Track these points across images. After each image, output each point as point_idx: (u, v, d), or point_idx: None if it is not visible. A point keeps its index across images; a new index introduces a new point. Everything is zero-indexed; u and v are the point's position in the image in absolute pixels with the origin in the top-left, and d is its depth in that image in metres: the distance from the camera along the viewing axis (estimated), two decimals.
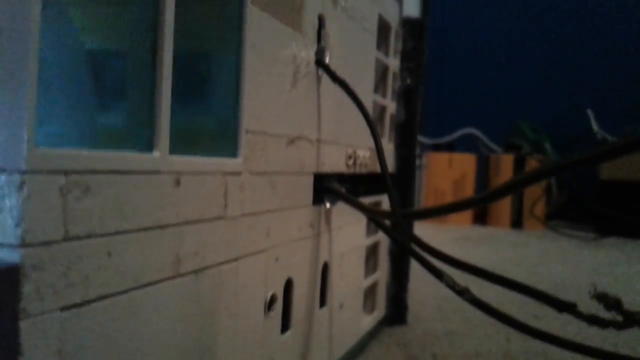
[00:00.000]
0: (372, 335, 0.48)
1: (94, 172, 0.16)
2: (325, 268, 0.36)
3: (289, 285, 0.30)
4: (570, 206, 1.64)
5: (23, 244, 0.14)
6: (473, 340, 0.50)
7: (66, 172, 0.15)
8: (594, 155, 0.21)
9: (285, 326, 0.30)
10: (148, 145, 0.19)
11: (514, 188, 0.25)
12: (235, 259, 0.24)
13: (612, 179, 1.43)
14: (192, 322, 0.21)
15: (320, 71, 0.32)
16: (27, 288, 0.14)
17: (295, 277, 0.31)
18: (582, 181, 1.51)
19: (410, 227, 0.50)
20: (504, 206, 1.51)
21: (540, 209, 1.52)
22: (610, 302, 0.19)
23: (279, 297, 0.29)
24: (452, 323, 0.56)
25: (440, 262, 0.27)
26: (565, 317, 0.24)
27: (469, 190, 1.54)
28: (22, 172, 0.14)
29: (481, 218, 1.59)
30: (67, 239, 0.15)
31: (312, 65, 0.31)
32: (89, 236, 0.16)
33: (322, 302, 0.36)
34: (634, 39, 1.73)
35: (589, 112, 1.55)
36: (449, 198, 1.52)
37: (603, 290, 0.20)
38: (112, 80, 0.21)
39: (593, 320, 0.21)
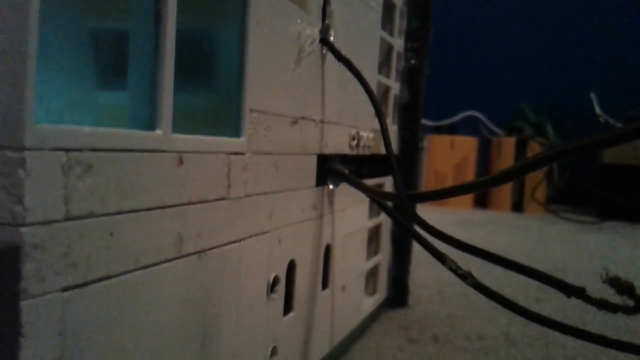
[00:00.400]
0: (373, 317, 0.48)
1: (95, 149, 0.16)
2: (328, 250, 0.35)
3: (291, 267, 0.30)
4: (571, 190, 1.63)
5: (24, 223, 0.14)
6: (474, 323, 0.50)
7: (67, 150, 0.15)
8: (599, 141, 0.21)
9: (287, 308, 0.30)
10: (150, 124, 0.19)
11: (521, 172, 0.24)
12: (238, 240, 0.24)
13: (614, 162, 1.43)
14: (195, 303, 0.21)
15: (325, 50, 0.31)
16: (27, 268, 0.14)
17: (298, 259, 0.30)
18: (583, 165, 1.51)
19: (413, 209, 0.50)
20: (505, 190, 1.51)
21: (541, 192, 1.52)
22: (622, 286, 0.19)
23: (281, 279, 0.28)
24: (453, 306, 0.56)
25: (446, 245, 0.26)
26: (566, 300, 0.24)
27: (470, 174, 1.54)
28: (23, 149, 0.14)
29: (482, 201, 1.59)
30: (68, 218, 0.15)
31: (317, 44, 0.30)
32: (90, 215, 0.16)
33: (325, 285, 0.35)
34: (638, 21, 1.71)
35: (592, 95, 1.54)
36: (449, 181, 1.52)
37: (615, 275, 0.19)
38: (114, 56, 0.20)
39: (602, 304, 0.21)
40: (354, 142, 0.38)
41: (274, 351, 0.28)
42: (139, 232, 0.18)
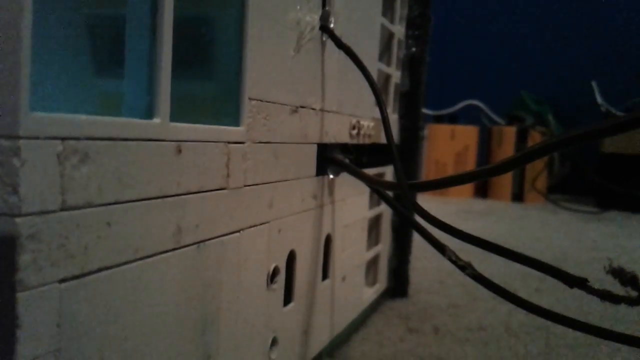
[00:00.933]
0: (373, 307, 0.48)
1: (92, 138, 0.16)
2: (328, 240, 0.35)
3: (291, 258, 0.30)
4: (571, 179, 1.63)
5: (19, 213, 0.14)
6: (475, 313, 0.50)
7: (63, 139, 0.15)
8: (600, 130, 0.21)
9: (287, 299, 0.30)
10: (148, 112, 0.18)
11: (522, 161, 0.24)
12: (238, 231, 0.24)
13: (614, 152, 1.42)
14: (194, 294, 0.21)
15: (325, 37, 0.31)
16: (23, 259, 0.14)
17: (298, 250, 0.30)
18: (583, 154, 1.50)
19: (414, 199, 0.49)
20: (506, 179, 1.50)
21: (541, 182, 1.52)
22: (625, 277, 0.19)
23: (281, 270, 0.28)
24: (453, 296, 0.55)
25: (447, 235, 0.26)
26: (567, 291, 0.24)
27: (470, 163, 1.54)
28: (18, 138, 0.14)
29: (482, 191, 1.59)
30: (64, 208, 0.15)
31: (317, 31, 0.30)
32: (87, 205, 0.16)
33: (325, 275, 0.35)
34: (639, 10, 1.70)
35: (593, 84, 1.53)
36: (450, 170, 1.51)
37: (619, 265, 0.19)
38: (111, 43, 0.20)
39: (605, 295, 0.20)
40: (355, 131, 0.38)
41: (274, 342, 0.28)
42: (137, 222, 0.18)
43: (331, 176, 0.34)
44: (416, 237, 0.45)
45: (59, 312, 0.15)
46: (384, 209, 0.48)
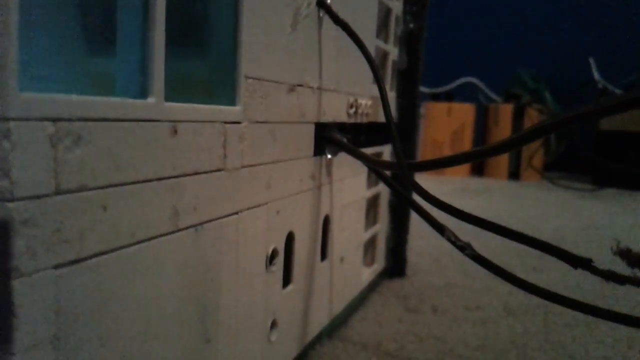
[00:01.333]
0: (372, 288, 0.48)
1: (85, 119, 0.15)
2: (326, 221, 0.35)
3: (290, 239, 0.29)
4: (568, 157, 1.63)
5: (12, 198, 0.13)
6: (473, 292, 0.50)
7: (55, 120, 0.14)
8: (596, 110, 0.20)
9: (286, 280, 0.29)
10: (142, 92, 0.18)
11: (523, 141, 0.24)
12: (236, 213, 0.23)
13: (611, 129, 1.42)
14: (193, 277, 0.21)
15: (322, 13, 0.30)
16: (18, 245, 0.13)
17: (297, 231, 0.30)
18: (580, 132, 1.50)
19: (412, 178, 0.49)
20: (502, 157, 1.50)
21: (538, 160, 1.52)
22: (633, 258, 0.19)
23: (280, 251, 0.28)
24: (451, 276, 0.55)
25: (445, 215, 0.26)
26: (565, 270, 0.24)
27: (467, 141, 1.53)
28: (7, 120, 0.13)
29: (479, 169, 1.59)
30: (59, 192, 0.14)
31: (313, 6, 0.29)
32: (82, 189, 0.15)
33: (323, 256, 0.35)
34: None
35: (591, 60, 1.52)
36: (447, 149, 1.51)
37: (626, 246, 0.19)
38: (103, 21, 0.19)
39: (610, 276, 0.20)
40: (352, 110, 0.37)
41: (273, 324, 0.28)
42: (133, 205, 0.17)
43: (329, 156, 0.34)
44: (414, 217, 0.45)
45: (56, 298, 0.15)
46: (382, 188, 0.48)
